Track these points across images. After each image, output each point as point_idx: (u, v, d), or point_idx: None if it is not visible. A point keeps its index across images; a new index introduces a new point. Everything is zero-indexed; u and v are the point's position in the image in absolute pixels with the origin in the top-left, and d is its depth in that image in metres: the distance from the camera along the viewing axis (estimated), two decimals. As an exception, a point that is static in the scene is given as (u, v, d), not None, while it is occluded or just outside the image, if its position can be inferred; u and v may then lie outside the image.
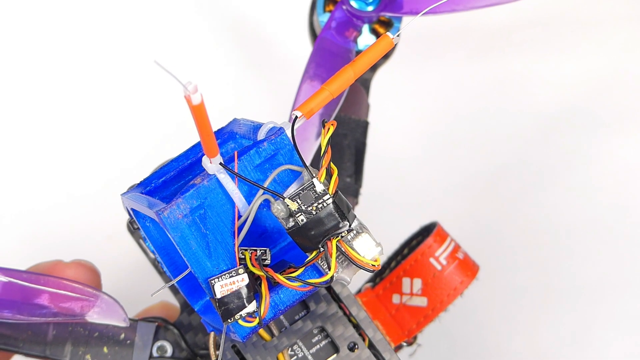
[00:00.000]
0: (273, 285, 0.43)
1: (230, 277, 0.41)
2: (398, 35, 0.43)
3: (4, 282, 0.49)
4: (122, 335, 0.53)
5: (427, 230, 0.59)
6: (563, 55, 0.77)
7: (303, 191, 0.41)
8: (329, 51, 0.56)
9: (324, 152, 0.41)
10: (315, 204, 0.41)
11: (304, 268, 0.42)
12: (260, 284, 0.42)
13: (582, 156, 0.74)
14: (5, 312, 0.49)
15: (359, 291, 0.56)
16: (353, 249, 0.42)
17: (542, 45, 0.77)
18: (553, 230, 0.73)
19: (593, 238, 0.72)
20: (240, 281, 0.41)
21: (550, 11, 0.77)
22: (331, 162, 0.42)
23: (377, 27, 0.58)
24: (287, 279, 0.41)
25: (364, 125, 0.60)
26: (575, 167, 0.74)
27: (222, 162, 0.41)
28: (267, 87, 0.76)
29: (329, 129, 0.42)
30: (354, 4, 0.57)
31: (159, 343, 0.53)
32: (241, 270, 0.41)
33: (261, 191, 0.41)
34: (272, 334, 0.49)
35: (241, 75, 0.76)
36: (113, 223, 0.64)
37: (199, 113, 0.37)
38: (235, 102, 0.74)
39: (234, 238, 0.42)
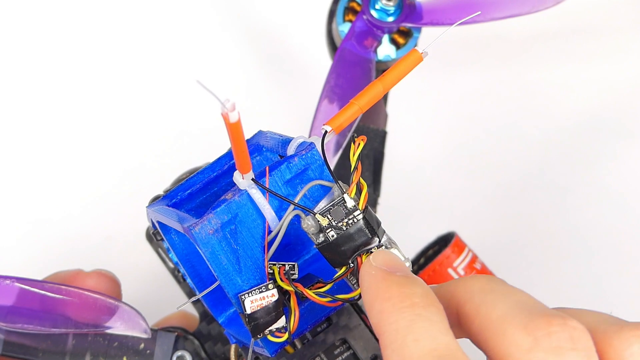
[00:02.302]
0: (301, 300, 0.43)
1: (260, 292, 0.41)
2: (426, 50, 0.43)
3: (25, 292, 0.49)
4: (142, 345, 0.53)
5: (443, 240, 0.59)
6: (583, 64, 0.77)
7: (334, 207, 0.41)
8: (350, 61, 0.56)
9: (354, 168, 0.41)
10: (346, 220, 0.41)
11: (332, 283, 0.42)
12: (289, 299, 0.42)
13: (605, 166, 0.74)
14: (26, 323, 0.49)
15: (377, 301, 0.56)
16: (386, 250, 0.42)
17: (562, 55, 0.77)
18: (573, 240, 0.73)
19: (615, 248, 0.72)
20: (270, 296, 0.41)
21: (569, 20, 0.77)
22: (361, 178, 0.42)
23: (396, 37, 0.58)
24: (316, 294, 0.41)
25: (382, 135, 0.60)
26: (597, 177, 0.74)
27: (254, 178, 0.41)
28: (285, 96, 0.76)
29: (359, 144, 0.42)
30: (374, 14, 0.57)
31: (178, 353, 0.53)
32: (271, 286, 0.41)
33: (292, 206, 0.41)
34: (294, 347, 0.49)
35: (258, 85, 0.76)
36: (130, 231, 0.63)
37: (235, 130, 0.37)
38: (252, 111, 0.74)
39: (264, 253, 0.42)
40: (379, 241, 0.41)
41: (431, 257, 0.58)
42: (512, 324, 0.36)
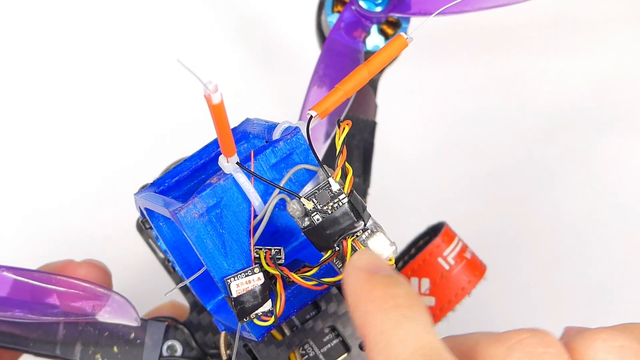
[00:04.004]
0: (288, 285, 0.43)
1: (246, 276, 0.41)
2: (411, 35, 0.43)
3: (16, 281, 0.49)
4: (132, 335, 0.53)
5: (434, 230, 0.59)
6: (571, 54, 0.77)
7: (319, 190, 0.41)
8: (338, 52, 0.56)
9: (339, 152, 0.42)
10: (331, 203, 0.41)
11: (318, 267, 0.42)
12: (275, 283, 0.42)
13: (591, 156, 0.75)
14: (16, 312, 0.49)
15: (368, 290, 0.56)
16: (368, 249, 0.42)
17: (550, 45, 0.78)
18: (561, 230, 0.73)
19: (601, 238, 0.73)
20: (256, 280, 0.41)
21: (557, 11, 0.78)
22: (346, 162, 0.42)
23: (385, 27, 0.58)
24: (302, 277, 0.42)
25: (372, 126, 0.60)
26: (584, 167, 0.74)
27: (239, 162, 0.41)
28: (274, 86, 0.76)
29: (344, 128, 0.42)
30: (362, 4, 0.57)
31: (169, 342, 0.53)
32: (257, 269, 0.41)
33: (277, 190, 0.41)
34: (283, 334, 0.49)
35: (248, 75, 0.76)
36: (121, 222, 0.64)
37: (218, 112, 0.37)
38: (241, 101, 0.74)
39: (250, 237, 0.42)
40: (364, 225, 0.41)
41: (422, 247, 0.58)
42: (483, 343, 0.37)
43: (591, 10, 0.78)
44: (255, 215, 0.42)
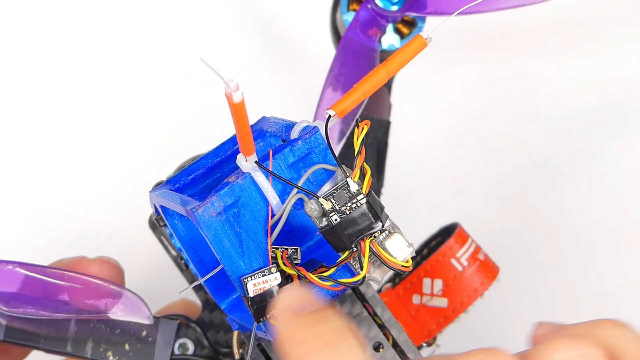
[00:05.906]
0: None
1: (263, 275, 0.41)
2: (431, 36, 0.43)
3: (27, 277, 0.49)
4: (144, 333, 0.52)
5: (447, 231, 0.59)
6: (586, 56, 0.77)
7: (337, 190, 0.41)
8: (354, 51, 0.56)
9: (358, 152, 0.41)
10: (349, 204, 0.41)
11: (336, 268, 0.42)
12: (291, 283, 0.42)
13: (605, 157, 0.74)
14: (28, 308, 0.49)
15: (380, 291, 0.56)
16: (385, 250, 0.41)
17: (565, 47, 0.77)
18: (574, 232, 0.73)
19: (614, 240, 0.72)
20: (272, 280, 0.41)
21: (571, 13, 0.77)
22: (364, 162, 0.42)
23: (400, 26, 0.58)
24: (319, 278, 0.41)
25: (386, 125, 0.60)
26: (598, 168, 0.74)
27: (257, 160, 0.41)
28: (288, 84, 0.75)
29: (362, 128, 0.42)
30: (379, 3, 0.57)
31: (180, 341, 0.53)
32: (274, 269, 0.41)
33: (295, 190, 0.41)
34: (297, 333, 0.49)
35: (261, 73, 0.76)
36: (133, 219, 0.63)
37: (238, 111, 0.36)
38: (255, 99, 0.73)
39: (267, 237, 0.41)
40: (382, 225, 0.41)
41: (434, 248, 0.58)
42: None
43: (606, 13, 0.78)
44: (273, 215, 0.41)
